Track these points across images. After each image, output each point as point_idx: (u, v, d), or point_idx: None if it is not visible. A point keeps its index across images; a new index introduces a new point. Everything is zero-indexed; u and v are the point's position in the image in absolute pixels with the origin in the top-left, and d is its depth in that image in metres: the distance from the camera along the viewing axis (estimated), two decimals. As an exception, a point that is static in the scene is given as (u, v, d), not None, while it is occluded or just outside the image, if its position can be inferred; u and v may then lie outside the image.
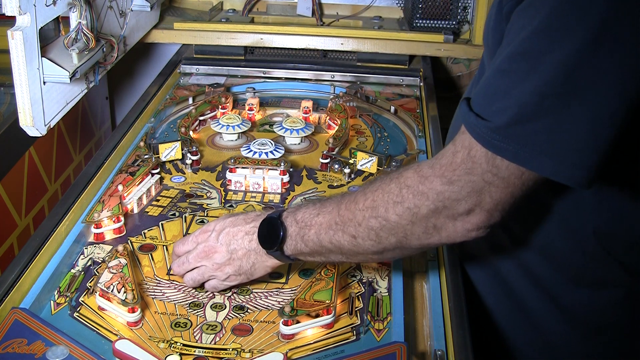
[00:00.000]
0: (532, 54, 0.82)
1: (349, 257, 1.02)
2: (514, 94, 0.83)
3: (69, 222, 1.24)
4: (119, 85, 2.48)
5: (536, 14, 0.82)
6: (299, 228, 1.01)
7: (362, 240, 0.96)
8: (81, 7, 1.32)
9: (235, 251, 1.06)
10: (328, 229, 0.99)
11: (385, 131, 1.69)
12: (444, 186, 0.89)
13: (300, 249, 1.02)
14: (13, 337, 0.95)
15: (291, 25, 2.08)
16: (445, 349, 0.97)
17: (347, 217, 0.97)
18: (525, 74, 0.82)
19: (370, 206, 0.94)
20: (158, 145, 1.48)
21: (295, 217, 1.03)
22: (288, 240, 1.02)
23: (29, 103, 1.21)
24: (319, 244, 1.00)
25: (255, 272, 1.07)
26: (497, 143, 0.84)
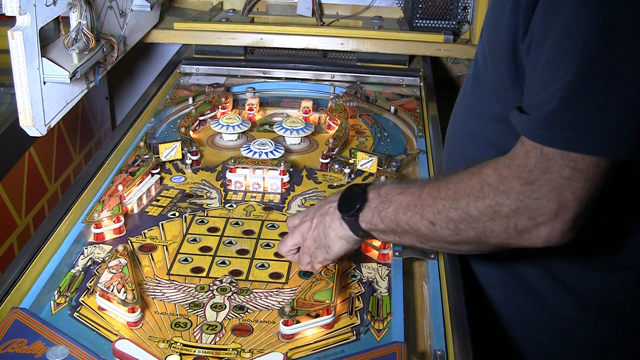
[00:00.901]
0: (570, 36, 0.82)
1: (422, 242, 1.02)
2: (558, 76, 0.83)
3: (69, 222, 1.24)
4: (119, 85, 2.48)
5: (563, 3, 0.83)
6: (380, 202, 1.02)
7: (439, 228, 0.96)
8: (81, 7, 1.32)
9: (316, 220, 1.08)
10: (407, 210, 0.99)
11: (385, 131, 1.69)
12: (523, 186, 0.88)
13: (376, 223, 1.02)
14: (13, 337, 0.95)
15: (291, 25, 2.08)
16: (445, 349, 0.97)
17: (427, 202, 0.97)
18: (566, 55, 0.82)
19: (452, 197, 0.94)
20: (158, 145, 1.48)
21: (379, 190, 1.03)
22: (366, 210, 1.02)
23: (29, 103, 1.21)
24: (396, 223, 1.00)
25: (330, 242, 1.07)
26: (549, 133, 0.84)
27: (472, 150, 1.17)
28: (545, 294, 1.14)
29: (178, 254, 1.19)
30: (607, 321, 1.13)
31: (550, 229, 0.88)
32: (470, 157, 1.14)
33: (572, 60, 0.82)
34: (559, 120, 0.83)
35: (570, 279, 1.10)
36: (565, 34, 0.83)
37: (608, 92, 0.81)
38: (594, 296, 1.11)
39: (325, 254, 1.08)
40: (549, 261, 1.11)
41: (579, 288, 1.10)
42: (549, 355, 1.18)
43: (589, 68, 0.81)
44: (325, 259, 1.09)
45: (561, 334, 1.16)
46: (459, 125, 1.22)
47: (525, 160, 0.88)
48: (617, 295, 1.11)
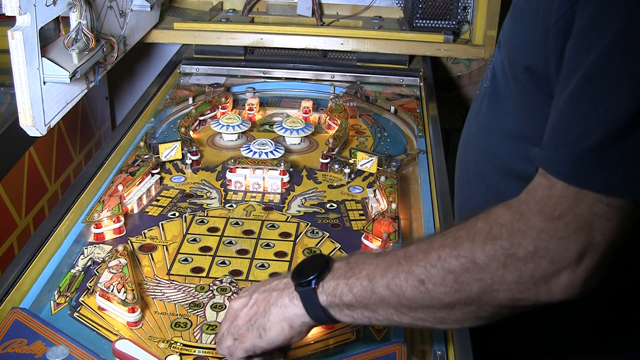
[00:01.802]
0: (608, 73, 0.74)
1: (403, 313, 0.82)
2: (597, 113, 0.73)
3: (69, 222, 1.24)
4: (119, 85, 2.48)
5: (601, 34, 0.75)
6: (349, 268, 0.84)
7: (432, 285, 0.78)
8: (81, 7, 1.32)
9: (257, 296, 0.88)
10: (386, 270, 0.80)
11: (385, 131, 1.69)
12: (546, 223, 0.73)
13: (340, 294, 0.82)
14: (13, 337, 0.95)
15: (291, 25, 2.08)
16: (445, 349, 0.97)
17: (416, 257, 0.80)
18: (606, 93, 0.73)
19: (451, 245, 0.78)
20: (158, 145, 1.48)
21: (347, 259, 0.86)
22: (329, 278, 0.84)
23: (29, 103, 1.21)
24: (370, 290, 0.81)
25: (267, 325, 0.86)
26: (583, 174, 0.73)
27: (486, 168, 1.07)
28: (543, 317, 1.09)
29: (178, 254, 1.19)
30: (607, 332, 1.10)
31: (572, 276, 0.74)
32: (485, 176, 1.07)
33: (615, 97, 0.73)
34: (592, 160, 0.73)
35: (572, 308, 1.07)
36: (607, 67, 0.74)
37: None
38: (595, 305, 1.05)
39: (257, 339, 0.86)
40: None
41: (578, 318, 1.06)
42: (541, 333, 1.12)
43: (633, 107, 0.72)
44: (254, 345, 0.86)
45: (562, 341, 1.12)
46: (472, 142, 1.13)
47: (549, 193, 0.75)
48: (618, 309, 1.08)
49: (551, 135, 0.77)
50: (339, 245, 1.22)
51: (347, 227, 1.27)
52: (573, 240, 0.73)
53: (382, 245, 1.17)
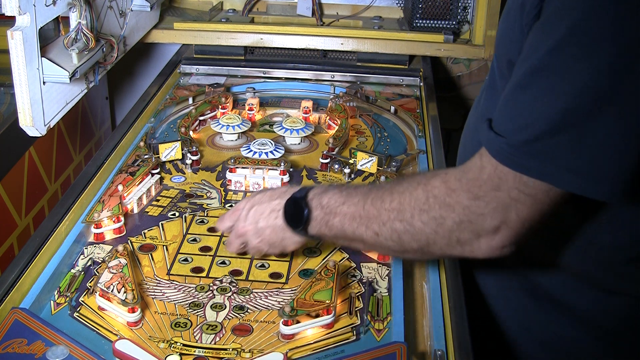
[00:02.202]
0: (553, 69, 0.81)
1: (369, 248, 1.09)
2: (536, 109, 0.82)
3: (69, 222, 1.24)
4: (119, 85, 2.48)
5: (554, 28, 0.81)
6: (324, 213, 1.04)
7: (384, 239, 0.97)
8: (81, 7, 1.32)
9: (263, 230, 1.11)
10: (352, 221, 1.00)
11: (385, 131, 1.69)
12: (470, 201, 0.89)
13: (324, 232, 1.05)
14: (13, 337, 0.95)
15: (291, 25, 2.08)
16: (445, 349, 0.97)
17: (371, 213, 0.98)
18: (547, 89, 0.82)
19: (397, 208, 0.95)
20: (158, 145, 1.48)
21: (320, 201, 1.05)
22: (312, 222, 1.05)
23: (28, 103, 1.21)
24: (342, 232, 1.03)
25: (287, 246, 1.12)
26: (520, 160, 0.84)
27: None
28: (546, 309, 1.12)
29: (178, 254, 1.19)
30: (607, 342, 1.11)
31: (490, 242, 0.90)
32: None
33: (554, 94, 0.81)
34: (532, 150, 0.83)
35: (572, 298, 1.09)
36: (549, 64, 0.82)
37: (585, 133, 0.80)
38: (596, 316, 1.09)
39: (283, 250, 1.14)
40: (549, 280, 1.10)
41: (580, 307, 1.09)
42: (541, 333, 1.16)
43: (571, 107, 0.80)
44: (281, 252, 1.15)
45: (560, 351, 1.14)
46: (471, 132, 1.19)
47: (478, 175, 0.88)
48: (619, 319, 1.09)
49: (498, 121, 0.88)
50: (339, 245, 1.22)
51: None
52: (490, 217, 0.88)
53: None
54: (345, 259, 1.18)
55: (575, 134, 0.81)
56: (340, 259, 1.18)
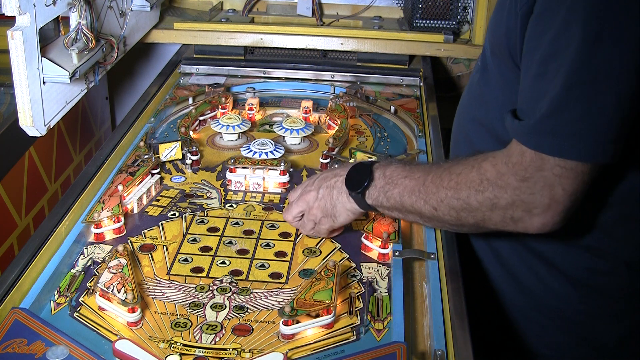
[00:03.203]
0: (557, 53, 0.91)
1: (425, 222, 1.13)
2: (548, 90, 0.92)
3: (69, 222, 1.24)
4: (119, 85, 2.48)
5: (553, 16, 0.91)
6: (385, 182, 1.11)
7: (442, 214, 1.06)
8: (81, 7, 1.32)
9: (323, 192, 1.18)
10: (411, 194, 1.08)
11: (385, 131, 1.69)
12: (519, 182, 0.97)
13: (381, 201, 1.11)
14: (13, 337, 0.95)
15: (291, 25, 2.08)
16: (445, 349, 0.97)
17: (431, 190, 1.06)
18: (556, 73, 0.91)
19: (454, 187, 1.03)
20: (158, 145, 1.48)
21: (384, 171, 1.12)
22: (372, 189, 1.12)
23: (28, 103, 1.21)
24: (400, 203, 1.09)
25: (337, 213, 1.17)
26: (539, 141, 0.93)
27: (474, 136, 1.21)
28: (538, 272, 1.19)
29: (178, 254, 1.19)
30: (593, 300, 1.17)
31: (544, 220, 0.98)
32: (473, 144, 1.22)
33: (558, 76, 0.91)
34: (546, 128, 0.93)
35: (560, 259, 1.16)
36: (553, 50, 0.92)
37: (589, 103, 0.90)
38: (583, 275, 1.16)
39: (332, 223, 1.18)
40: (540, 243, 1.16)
41: (569, 267, 1.16)
42: (540, 331, 1.23)
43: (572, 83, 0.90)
44: (331, 226, 1.19)
45: (550, 310, 1.20)
46: (464, 111, 1.26)
47: (521, 159, 0.96)
48: (606, 277, 1.15)
49: (521, 110, 0.98)
50: (339, 246, 1.22)
51: (347, 227, 1.27)
52: (540, 196, 0.96)
53: (382, 245, 1.17)
54: (345, 259, 1.18)
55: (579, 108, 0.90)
56: (340, 259, 1.18)
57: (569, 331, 1.20)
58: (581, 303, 1.17)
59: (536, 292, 1.20)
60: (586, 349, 1.21)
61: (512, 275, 1.22)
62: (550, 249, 1.16)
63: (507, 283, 1.23)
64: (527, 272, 1.20)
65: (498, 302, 1.25)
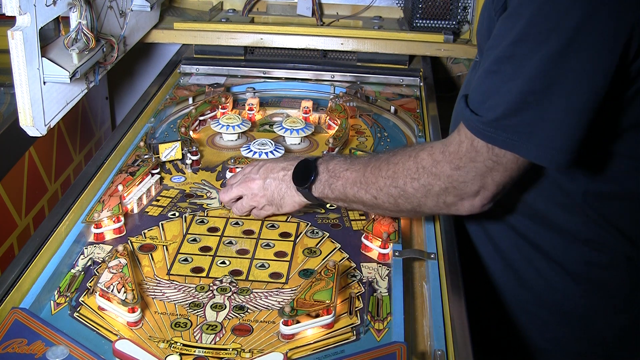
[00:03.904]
0: (515, 58, 0.96)
1: (368, 209, 1.20)
2: (502, 92, 0.97)
3: (69, 222, 1.24)
4: (119, 85, 2.48)
5: (516, 22, 0.96)
6: (329, 176, 1.19)
7: (381, 201, 1.13)
8: (81, 7, 1.32)
9: (270, 183, 1.25)
10: (353, 185, 1.16)
11: (385, 131, 1.69)
12: (453, 171, 1.04)
13: (327, 193, 1.20)
14: (13, 337, 0.95)
15: (291, 25, 2.08)
16: (445, 349, 0.97)
17: (370, 180, 1.13)
18: (511, 75, 0.97)
19: (391, 176, 1.11)
20: (158, 145, 1.48)
21: (327, 165, 1.20)
22: (317, 183, 1.20)
23: (29, 103, 1.21)
24: (344, 194, 1.18)
25: (284, 204, 1.25)
26: (491, 135, 0.99)
27: None
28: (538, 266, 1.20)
29: (178, 254, 1.19)
30: (593, 294, 1.18)
31: (472, 203, 1.06)
32: None
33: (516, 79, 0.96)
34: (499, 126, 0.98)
35: (560, 253, 1.18)
36: (509, 53, 0.97)
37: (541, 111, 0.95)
38: (583, 269, 1.17)
39: (276, 210, 1.27)
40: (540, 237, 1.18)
41: (568, 261, 1.17)
42: (540, 326, 1.24)
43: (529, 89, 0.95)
44: (273, 213, 1.28)
45: (552, 304, 1.21)
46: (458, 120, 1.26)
47: (457, 148, 1.03)
48: (606, 271, 1.16)
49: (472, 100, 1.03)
50: (339, 245, 1.22)
51: (347, 227, 1.27)
52: (470, 184, 1.04)
53: (382, 245, 1.17)
54: (345, 259, 1.18)
55: (533, 112, 0.95)
56: (340, 259, 1.18)
57: (569, 325, 1.21)
58: (581, 297, 1.18)
59: (536, 287, 1.21)
60: (586, 342, 1.22)
61: (512, 270, 1.23)
62: (550, 244, 1.17)
63: (508, 278, 1.24)
64: (528, 267, 1.21)
65: (499, 298, 1.26)
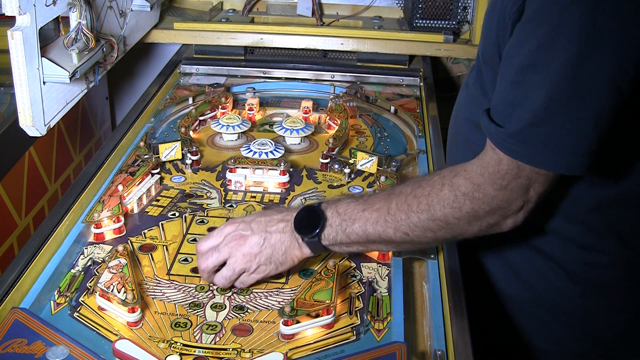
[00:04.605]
0: (538, 66, 0.93)
1: (394, 247, 1.12)
2: (528, 102, 0.94)
3: (69, 222, 1.24)
4: (119, 85, 2.48)
5: (537, 28, 0.93)
6: (342, 220, 1.07)
7: (416, 237, 1.05)
8: (81, 7, 1.32)
9: (269, 237, 1.08)
10: (376, 225, 1.05)
11: (385, 131, 1.69)
12: (498, 192, 0.99)
13: (340, 239, 1.08)
14: (13, 337, 0.95)
15: (291, 25, 2.08)
16: (445, 349, 0.97)
17: (399, 217, 1.04)
18: (536, 84, 0.93)
19: (426, 210, 1.03)
20: (158, 145, 1.48)
21: (336, 209, 1.08)
22: (327, 229, 1.07)
23: (28, 103, 1.21)
24: (364, 237, 1.07)
25: (285, 261, 1.09)
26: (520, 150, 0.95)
27: (472, 137, 1.21)
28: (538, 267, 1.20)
29: (178, 254, 1.19)
30: (593, 294, 1.18)
31: (516, 219, 1.02)
32: (470, 144, 1.21)
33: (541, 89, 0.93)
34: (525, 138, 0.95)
35: (560, 254, 1.17)
36: (532, 61, 0.93)
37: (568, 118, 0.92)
38: (583, 269, 1.17)
39: (274, 269, 1.09)
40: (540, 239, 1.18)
41: (568, 262, 1.17)
42: (540, 327, 1.24)
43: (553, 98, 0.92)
44: (268, 274, 1.09)
45: (552, 304, 1.21)
46: (461, 112, 1.27)
47: (498, 168, 0.98)
48: (606, 271, 1.16)
49: (497, 113, 1.00)
50: (339, 245, 1.22)
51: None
52: (515, 200, 1.00)
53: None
54: (345, 259, 1.18)
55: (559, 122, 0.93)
56: (340, 259, 1.18)
57: (569, 326, 1.21)
58: (581, 297, 1.18)
59: (537, 287, 1.21)
60: (586, 342, 1.22)
61: (513, 270, 1.23)
62: (550, 245, 1.17)
63: (508, 279, 1.24)
64: (528, 267, 1.21)
65: (499, 299, 1.26)
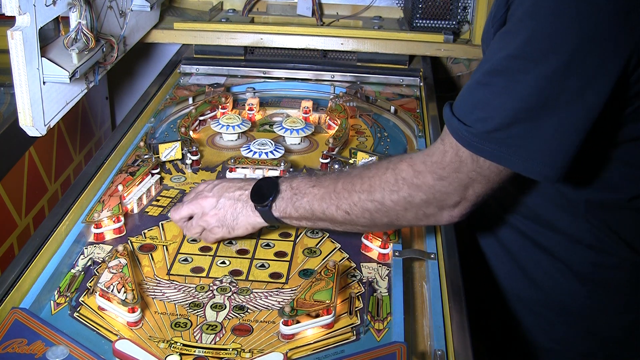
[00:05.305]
0: (508, 73, 0.94)
1: (336, 226, 1.14)
2: (493, 105, 0.96)
3: (69, 222, 1.24)
4: (119, 85, 2.48)
5: (513, 39, 0.95)
6: (293, 193, 1.13)
7: (355, 217, 1.09)
8: (81, 7, 1.32)
9: (223, 202, 1.17)
10: (321, 201, 1.10)
11: (385, 131, 1.69)
12: (436, 181, 1.01)
13: (289, 212, 1.13)
14: (13, 337, 0.95)
15: (291, 25, 2.08)
16: (445, 349, 0.97)
17: (342, 195, 1.09)
18: (503, 89, 0.95)
19: (367, 190, 1.07)
20: (158, 145, 1.48)
21: (290, 183, 1.14)
22: (279, 201, 1.13)
23: (28, 103, 1.21)
24: (310, 212, 1.12)
25: (236, 227, 1.16)
26: (479, 146, 0.96)
27: None
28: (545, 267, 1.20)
29: (178, 254, 1.19)
30: (599, 294, 1.18)
31: (451, 213, 1.04)
32: None
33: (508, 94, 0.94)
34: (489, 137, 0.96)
35: (566, 254, 1.18)
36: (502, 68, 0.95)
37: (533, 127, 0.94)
38: (589, 270, 1.17)
39: (227, 233, 1.18)
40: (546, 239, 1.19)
41: (574, 262, 1.17)
42: (546, 326, 1.24)
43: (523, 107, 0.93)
44: (223, 236, 1.19)
45: (558, 304, 1.21)
46: None
47: (442, 158, 1.01)
48: (612, 271, 1.16)
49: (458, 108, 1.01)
50: (339, 245, 1.22)
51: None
52: (452, 194, 1.02)
53: (382, 245, 1.17)
54: (345, 259, 1.18)
55: (525, 128, 0.94)
56: (340, 259, 1.18)
57: (575, 325, 1.21)
58: (587, 298, 1.18)
59: (543, 287, 1.21)
60: (592, 342, 1.22)
61: (522, 270, 1.23)
62: (556, 245, 1.17)
63: (515, 278, 1.24)
64: (536, 267, 1.21)
65: (505, 298, 1.26)
